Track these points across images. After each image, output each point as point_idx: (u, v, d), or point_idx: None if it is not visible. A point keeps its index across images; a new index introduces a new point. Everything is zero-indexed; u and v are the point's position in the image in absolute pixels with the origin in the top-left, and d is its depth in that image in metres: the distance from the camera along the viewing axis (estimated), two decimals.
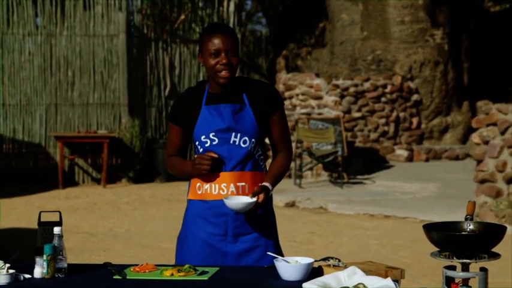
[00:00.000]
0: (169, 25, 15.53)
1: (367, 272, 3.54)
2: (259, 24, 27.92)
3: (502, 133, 10.44)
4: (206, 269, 3.76)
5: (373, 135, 16.84)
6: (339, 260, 3.75)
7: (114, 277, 3.66)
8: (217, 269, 3.76)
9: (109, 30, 14.95)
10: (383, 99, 16.96)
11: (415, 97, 17.46)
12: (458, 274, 3.38)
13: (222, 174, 3.93)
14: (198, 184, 4.00)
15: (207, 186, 3.97)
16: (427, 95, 17.69)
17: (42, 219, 4.07)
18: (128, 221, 10.59)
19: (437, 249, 3.47)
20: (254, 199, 3.78)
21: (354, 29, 18.27)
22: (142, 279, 3.64)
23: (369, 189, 13.57)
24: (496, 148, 10.50)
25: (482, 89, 18.31)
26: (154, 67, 15.38)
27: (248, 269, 3.87)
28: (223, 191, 3.94)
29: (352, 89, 16.63)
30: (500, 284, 7.07)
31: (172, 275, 3.66)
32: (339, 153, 14.23)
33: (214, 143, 3.90)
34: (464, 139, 17.88)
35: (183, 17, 15.63)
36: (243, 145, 3.90)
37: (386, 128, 16.94)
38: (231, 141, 3.89)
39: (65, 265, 3.71)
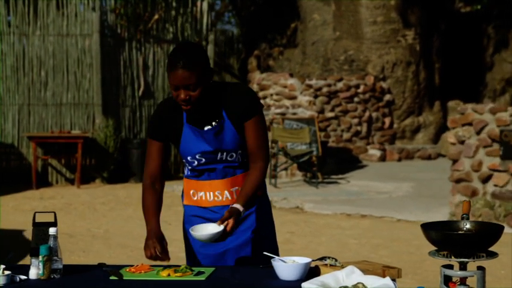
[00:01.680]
0: (143, 25, 15.48)
1: (365, 272, 3.56)
2: (229, 24, 27.92)
3: (478, 133, 10.52)
4: (202, 269, 3.76)
5: (346, 135, 16.91)
6: (336, 260, 3.77)
7: (111, 278, 3.65)
8: (213, 269, 3.76)
9: (82, 29, 14.87)
10: (356, 99, 17.04)
11: (387, 97, 17.56)
12: (457, 273, 3.41)
13: (215, 182, 3.95)
14: (192, 191, 4.02)
15: (201, 193, 3.99)
16: (399, 95, 17.80)
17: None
18: (106, 222, 10.54)
19: (435, 248, 3.50)
20: (221, 227, 3.69)
21: (326, 29, 18.33)
22: (139, 279, 3.63)
23: (343, 188, 13.63)
24: (472, 148, 10.59)
25: (453, 89, 18.46)
26: (128, 67, 15.32)
27: (244, 269, 3.88)
28: (217, 197, 3.97)
29: (325, 89, 16.68)
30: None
31: (169, 275, 3.66)
32: (314, 153, 14.27)
33: (201, 162, 3.92)
34: (436, 139, 18.02)
35: (156, 16, 15.58)
36: (230, 159, 3.92)
37: (359, 128, 17.02)
38: (218, 158, 3.91)
39: (61, 266, 3.70)
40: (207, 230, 3.74)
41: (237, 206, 3.78)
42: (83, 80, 14.88)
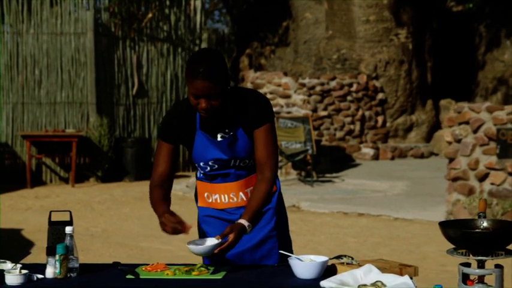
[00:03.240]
0: (137, 23, 15.45)
1: (382, 270, 3.57)
2: (218, 22, 27.93)
3: (475, 131, 10.56)
4: (218, 267, 3.76)
5: (339, 134, 16.93)
6: (352, 258, 3.79)
7: (127, 277, 3.65)
8: (229, 267, 3.76)
9: (76, 28, 14.83)
10: (349, 98, 17.06)
11: (380, 96, 17.59)
12: (475, 271, 3.43)
13: (229, 184, 3.94)
14: (206, 194, 4.00)
15: (216, 196, 3.98)
16: (392, 93, 17.83)
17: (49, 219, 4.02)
18: (104, 221, 10.52)
19: (453, 246, 3.52)
20: (218, 241, 3.65)
21: (318, 28, 18.34)
22: (156, 278, 3.64)
23: (338, 187, 13.65)
24: (469, 146, 10.62)
25: (445, 88, 18.51)
26: (122, 65, 15.29)
27: (260, 267, 3.89)
28: (232, 199, 3.96)
29: (318, 88, 16.70)
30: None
31: (185, 273, 3.66)
32: (309, 151, 14.29)
33: (214, 167, 3.90)
34: (429, 137, 18.07)
35: (150, 15, 15.57)
36: (242, 165, 3.91)
37: (352, 127, 17.04)
38: (231, 165, 3.90)
39: (77, 265, 3.70)
40: (203, 243, 3.70)
41: (243, 221, 3.72)
42: (77, 79, 14.84)
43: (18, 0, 14.63)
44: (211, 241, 3.68)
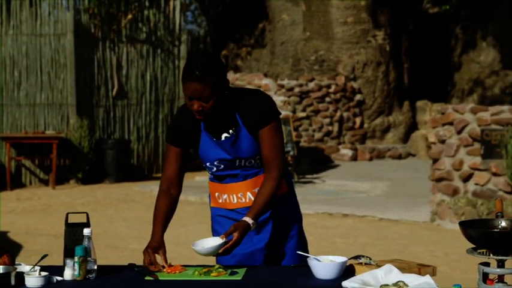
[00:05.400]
0: (116, 25, 15.40)
1: (401, 270, 3.59)
2: (192, 23, 27.87)
3: (459, 132, 10.65)
4: (234, 268, 3.76)
5: (317, 135, 17.00)
6: (370, 259, 3.82)
7: (146, 278, 3.64)
8: (245, 268, 3.77)
9: (56, 29, 14.75)
10: (327, 99, 17.14)
11: (358, 97, 17.68)
12: (496, 271, 3.45)
13: (237, 184, 3.95)
14: (217, 194, 4.02)
15: (225, 196, 3.99)
16: (369, 95, 17.93)
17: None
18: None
19: (473, 246, 3.55)
20: (222, 241, 3.67)
21: (294, 29, 18.40)
22: (175, 279, 3.63)
23: (320, 188, 13.70)
24: (453, 147, 10.71)
25: (421, 89, 18.64)
26: (101, 67, 15.23)
27: (276, 268, 3.90)
28: (241, 199, 3.96)
29: (297, 89, 16.76)
30: None
31: (204, 274, 3.66)
32: (290, 153, 14.32)
33: (220, 168, 3.92)
34: (406, 138, 18.18)
35: (130, 16, 15.52)
36: (248, 165, 3.92)
37: (330, 128, 17.11)
38: (237, 165, 3.90)
39: (95, 267, 3.70)
40: (207, 243, 3.72)
41: (247, 219, 3.74)
42: (56, 80, 14.76)
43: None
44: (216, 241, 3.70)
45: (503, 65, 18.14)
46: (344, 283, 3.44)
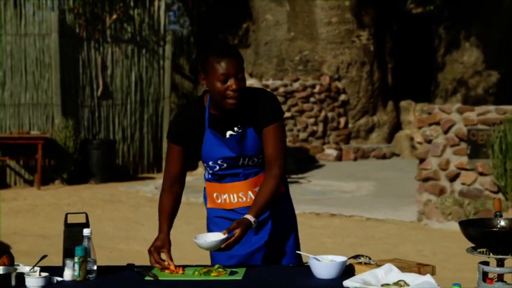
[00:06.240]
0: (101, 25, 15.36)
1: (401, 270, 3.61)
2: (175, 24, 27.82)
3: (445, 132, 10.70)
4: (234, 268, 3.77)
5: (302, 135, 17.02)
6: (370, 258, 3.83)
7: (146, 278, 3.64)
8: (244, 268, 3.77)
9: (41, 29, 14.69)
10: (312, 99, 17.16)
11: (342, 97, 17.72)
12: (496, 270, 3.48)
13: (238, 184, 3.94)
14: (216, 194, 4.00)
15: (225, 196, 3.98)
16: (354, 95, 17.97)
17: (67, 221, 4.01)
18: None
19: (472, 245, 3.57)
20: (224, 236, 3.66)
21: (278, 29, 18.41)
22: (176, 280, 3.63)
23: (307, 188, 13.71)
24: (439, 147, 10.76)
25: (405, 90, 18.70)
26: (86, 67, 15.19)
27: (275, 267, 3.91)
28: (241, 199, 3.95)
29: (281, 89, 16.78)
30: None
31: (204, 274, 3.66)
32: None
33: (223, 167, 3.90)
34: (390, 138, 18.24)
35: (114, 16, 15.48)
36: (251, 163, 3.92)
37: (315, 128, 17.14)
38: (240, 163, 3.90)
39: (94, 267, 3.70)
40: (209, 238, 3.73)
41: (249, 216, 3.74)
42: (41, 80, 14.70)
43: None
44: (217, 236, 3.70)
45: (486, 65, 18.22)
46: (345, 283, 3.46)
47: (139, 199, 12.12)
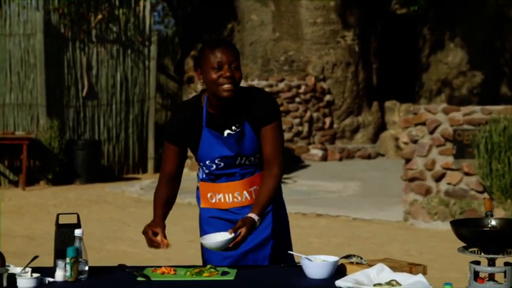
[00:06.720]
0: (86, 25, 15.32)
1: (392, 269, 3.62)
2: (160, 24, 27.76)
3: (431, 132, 10.74)
4: (225, 269, 3.77)
5: (287, 135, 17.01)
6: (361, 258, 3.84)
7: (138, 279, 3.64)
8: (236, 269, 3.77)
9: (26, 29, 14.64)
10: (297, 99, 17.17)
11: (327, 97, 17.74)
12: (487, 269, 3.50)
13: (233, 183, 3.94)
14: (210, 194, 3.99)
15: (219, 196, 3.97)
16: (339, 95, 17.99)
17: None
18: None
19: (464, 244, 3.58)
20: (231, 236, 3.67)
21: (263, 29, 18.42)
22: (168, 280, 3.64)
23: (292, 188, 13.71)
24: (425, 147, 10.80)
25: (389, 90, 18.75)
26: (71, 67, 15.15)
27: (268, 268, 3.92)
28: (237, 199, 3.96)
29: (266, 90, 16.77)
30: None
31: (196, 275, 3.66)
32: None
33: (220, 166, 3.90)
34: (375, 138, 18.27)
35: (100, 16, 15.45)
36: (248, 163, 3.92)
37: (300, 128, 17.15)
38: (237, 163, 3.91)
39: (86, 268, 3.69)
40: (216, 238, 3.73)
41: (252, 215, 3.75)
42: (26, 81, 14.65)
43: None
44: (224, 236, 3.70)
45: (470, 65, 18.29)
46: (337, 282, 3.46)
47: (125, 199, 12.11)
